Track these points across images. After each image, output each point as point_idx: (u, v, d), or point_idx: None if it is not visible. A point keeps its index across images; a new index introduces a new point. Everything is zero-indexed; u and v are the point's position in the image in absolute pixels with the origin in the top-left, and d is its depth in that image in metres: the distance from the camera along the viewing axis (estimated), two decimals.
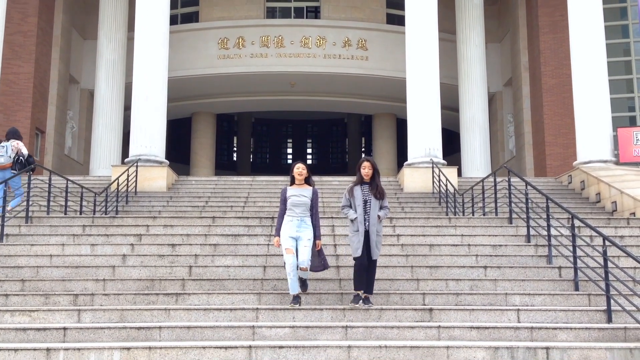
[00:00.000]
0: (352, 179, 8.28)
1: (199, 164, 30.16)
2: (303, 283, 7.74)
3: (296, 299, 7.56)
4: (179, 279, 8.54)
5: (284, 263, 7.71)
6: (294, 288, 7.56)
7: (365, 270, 7.49)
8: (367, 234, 7.52)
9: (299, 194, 7.65)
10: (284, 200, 7.70)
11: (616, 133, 18.28)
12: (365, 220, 7.52)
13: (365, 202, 7.59)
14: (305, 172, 7.74)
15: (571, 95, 18.64)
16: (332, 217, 11.33)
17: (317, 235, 7.71)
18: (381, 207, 7.70)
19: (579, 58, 17.99)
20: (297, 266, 7.56)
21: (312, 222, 7.69)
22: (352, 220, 7.57)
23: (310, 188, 7.76)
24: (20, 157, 11.78)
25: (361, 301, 7.49)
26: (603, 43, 18.04)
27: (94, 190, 14.75)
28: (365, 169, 7.72)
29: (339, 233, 10.49)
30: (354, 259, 7.58)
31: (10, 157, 11.73)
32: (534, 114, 23.61)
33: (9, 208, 11.30)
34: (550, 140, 22.26)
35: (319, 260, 7.78)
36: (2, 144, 11.85)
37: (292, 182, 7.79)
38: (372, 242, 7.48)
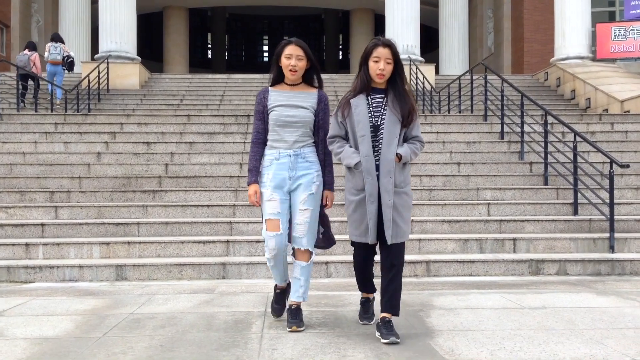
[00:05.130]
0: (336, 77, 7.02)
1: (173, 61, 29.46)
2: (296, 314, 3.93)
3: (283, 298, 4.17)
4: (156, 177, 8.56)
5: (265, 241, 3.95)
6: (282, 277, 4.10)
7: (371, 265, 3.95)
8: (378, 194, 3.69)
9: (290, 103, 3.92)
10: (260, 114, 3.97)
11: (595, 29, 18.11)
12: (377, 166, 3.71)
13: (376, 128, 3.71)
14: (304, 62, 3.93)
15: None
16: None
17: (327, 183, 4.03)
18: (406, 139, 3.79)
19: None
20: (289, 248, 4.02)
21: (317, 157, 4.00)
22: (349, 169, 3.80)
23: (314, 92, 4.01)
24: (71, 58, 14.56)
25: (381, 325, 3.65)
26: None
27: (64, 87, 14.42)
28: (381, 61, 3.70)
29: None
30: (352, 244, 3.93)
31: (60, 55, 14.37)
32: (514, 9, 23.17)
33: (57, 102, 13.86)
34: (529, 37, 22.02)
35: (320, 229, 4.07)
36: (53, 44, 14.38)
37: (279, 81, 4.02)
38: (385, 210, 3.65)
